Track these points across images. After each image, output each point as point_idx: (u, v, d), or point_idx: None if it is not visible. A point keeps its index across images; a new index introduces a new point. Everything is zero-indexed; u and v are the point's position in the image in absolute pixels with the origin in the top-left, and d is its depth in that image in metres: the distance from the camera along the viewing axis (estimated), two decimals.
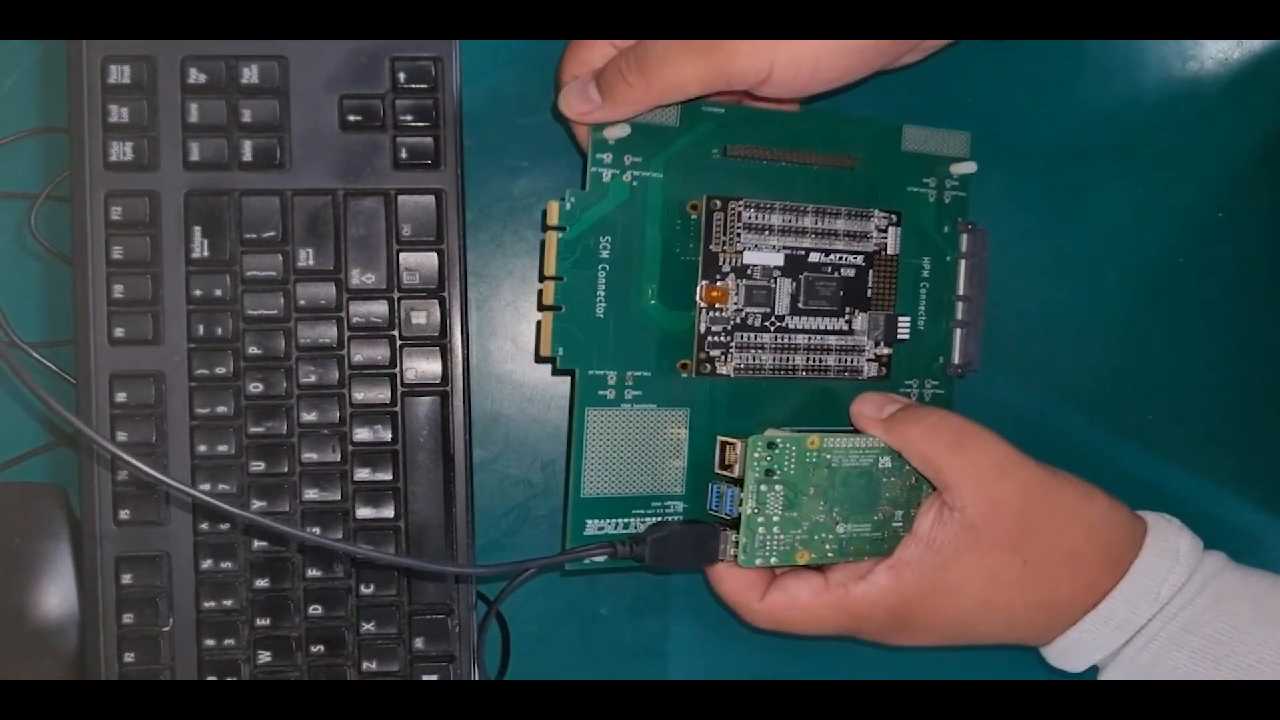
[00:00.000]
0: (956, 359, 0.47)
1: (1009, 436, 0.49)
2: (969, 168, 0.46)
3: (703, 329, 0.43)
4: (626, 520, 0.44)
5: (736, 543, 0.42)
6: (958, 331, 0.47)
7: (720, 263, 0.43)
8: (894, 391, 0.46)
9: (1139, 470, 0.50)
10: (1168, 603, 0.39)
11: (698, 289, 0.43)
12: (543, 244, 0.42)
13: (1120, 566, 0.40)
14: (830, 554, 0.43)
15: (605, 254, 0.43)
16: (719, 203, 0.42)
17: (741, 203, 0.42)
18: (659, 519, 0.44)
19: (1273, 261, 0.50)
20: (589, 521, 0.43)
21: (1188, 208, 0.50)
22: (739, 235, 0.42)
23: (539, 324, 0.42)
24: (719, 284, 0.42)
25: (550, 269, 0.42)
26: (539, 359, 0.43)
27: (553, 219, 0.42)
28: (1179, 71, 0.50)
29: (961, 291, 0.47)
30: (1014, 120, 0.50)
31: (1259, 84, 0.50)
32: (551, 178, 0.49)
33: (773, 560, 0.42)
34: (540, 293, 0.42)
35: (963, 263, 0.47)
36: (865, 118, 0.45)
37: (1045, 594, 0.40)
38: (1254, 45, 0.50)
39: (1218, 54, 0.50)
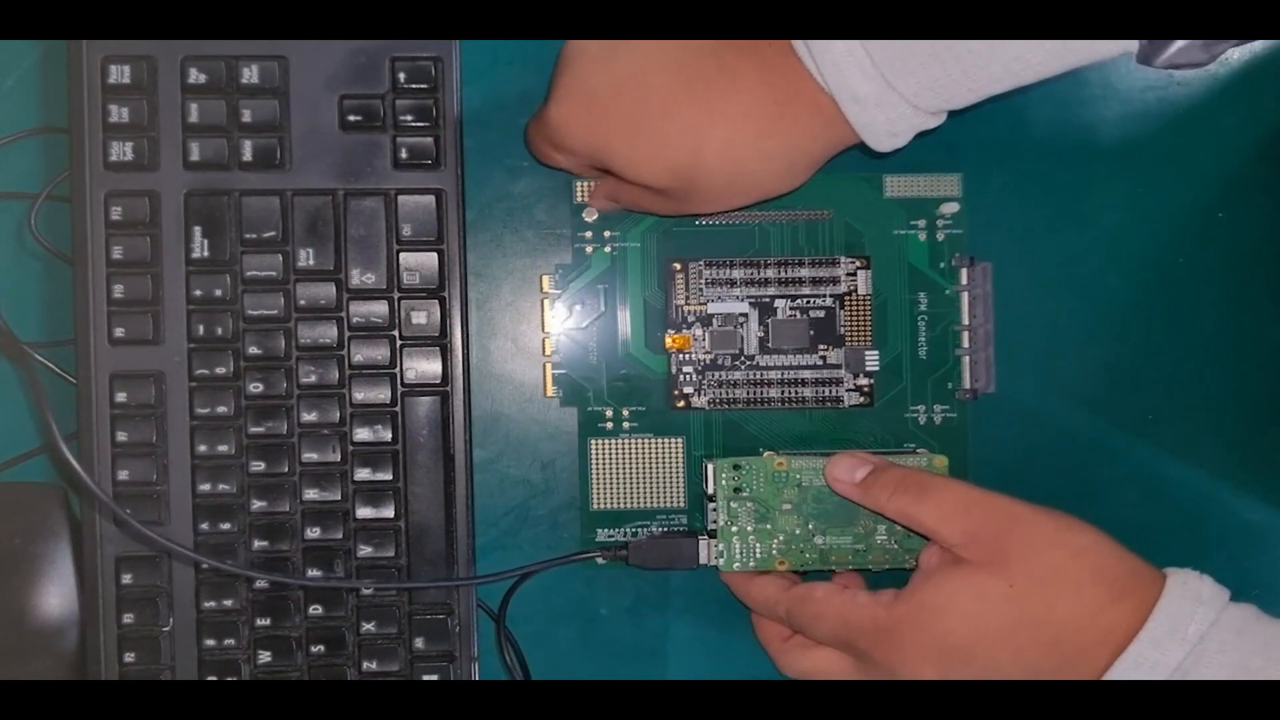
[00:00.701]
0: (966, 384, 0.49)
1: (1008, 435, 0.49)
2: (952, 208, 0.49)
3: (674, 370, 0.48)
4: (634, 529, 0.49)
5: (720, 551, 0.46)
6: (966, 359, 0.49)
7: (686, 314, 0.48)
8: (902, 413, 0.49)
9: (1140, 470, 0.50)
10: (1198, 645, 0.38)
11: (665, 337, 0.48)
12: (542, 303, 0.49)
13: (1129, 602, 0.39)
14: (811, 562, 0.46)
15: (594, 312, 0.49)
16: (678, 265, 0.48)
17: (701, 262, 0.48)
18: (663, 529, 0.49)
19: (1273, 261, 0.50)
20: (599, 530, 0.49)
21: (1188, 208, 0.50)
22: (702, 289, 0.48)
23: (544, 366, 0.49)
24: (682, 332, 0.48)
25: (545, 328, 0.49)
26: (546, 395, 0.49)
27: (545, 287, 0.49)
28: (1179, 72, 0.50)
29: (965, 322, 0.49)
30: (1014, 120, 0.50)
31: (1259, 84, 0.50)
32: (551, 178, 0.49)
33: (751, 565, 0.46)
34: (543, 341, 0.49)
35: (964, 295, 0.49)
36: (841, 175, 0.49)
37: (1040, 613, 0.40)
38: (1254, 45, 0.50)
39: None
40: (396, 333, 0.46)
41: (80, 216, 0.45)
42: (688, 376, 0.48)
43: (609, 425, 0.49)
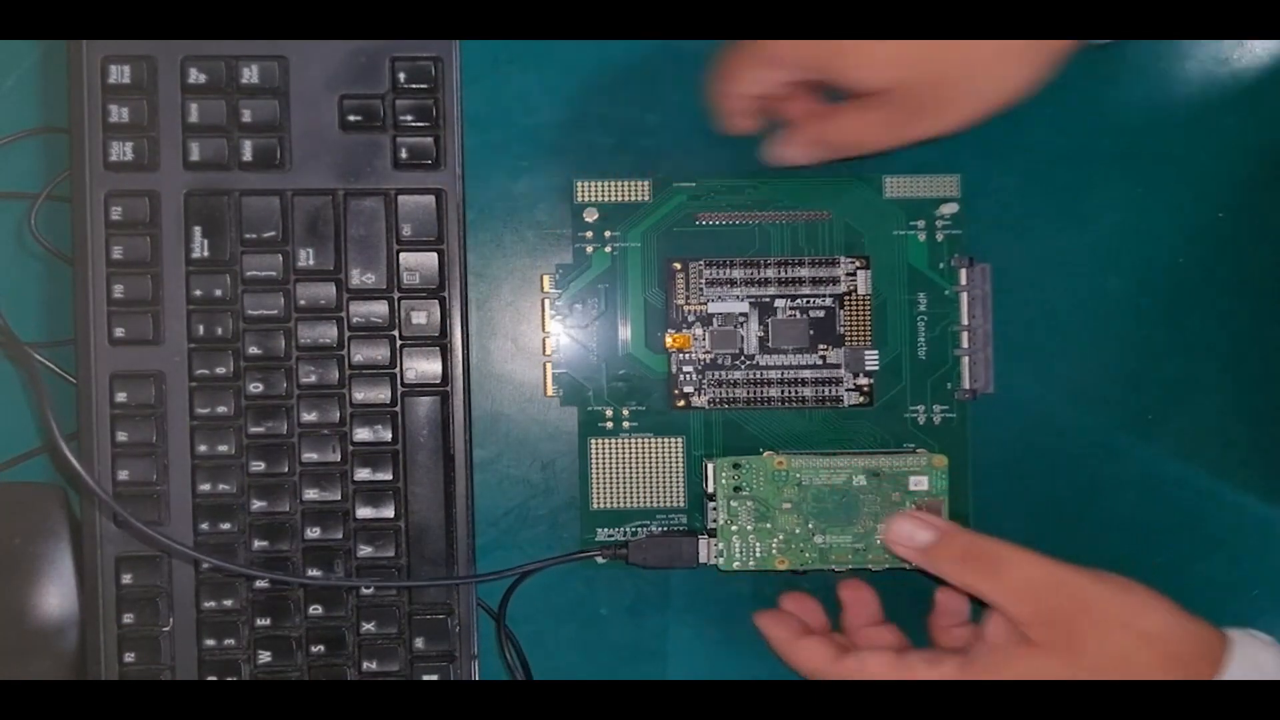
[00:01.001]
0: (966, 384, 0.49)
1: (1007, 435, 0.49)
2: (951, 209, 0.49)
3: (674, 370, 0.48)
4: (634, 529, 0.49)
5: (720, 550, 0.46)
6: (965, 359, 0.49)
7: (686, 313, 0.48)
8: (901, 413, 0.49)
9: (1140, 470, 0.50)
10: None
11: (665, 337, 0.48)
12: (542, 303, 0.49)
13: (1193, 678, 0.39)
14: (811, 561, 0.46)
15: (594, 312, 0.49)
16: (679, 265, 0.48)
17: (701, 262, 0.48)
18: (663, 529, 0.49)
19: (1273, 262, 0.50)
20: (599, 530, 0.49)
21: (1189, 209, 0.50)
22: (702, 289, 0.48)
23: (544, 366, 0.49)
24: (682, 332, 0.48)
25: (545, 328, 0.49)
26: (546, 395, 0.49)
27: (545, 287, 0.49)
28: (1179, 72, 0.50)
29: (965, 322, 0.49)
30: (1014, 121, 0.50)
31: (1260, 84, 0.50)
32: (552, 178, 0.49)
33: (750, 565, 0.46)
34: (543, 341, 0.49)
35: (963, 295, 0.49)
36: (841, 175, 0.49)
37: None
38: (1254, 46, 0.50)
39: (1218, 54, 0.50)
40: (396, 333, 0.46)
41: (80, 216, 0.45)
42: (688, 376, 0.48)
43: (609, 425, 0.49)
